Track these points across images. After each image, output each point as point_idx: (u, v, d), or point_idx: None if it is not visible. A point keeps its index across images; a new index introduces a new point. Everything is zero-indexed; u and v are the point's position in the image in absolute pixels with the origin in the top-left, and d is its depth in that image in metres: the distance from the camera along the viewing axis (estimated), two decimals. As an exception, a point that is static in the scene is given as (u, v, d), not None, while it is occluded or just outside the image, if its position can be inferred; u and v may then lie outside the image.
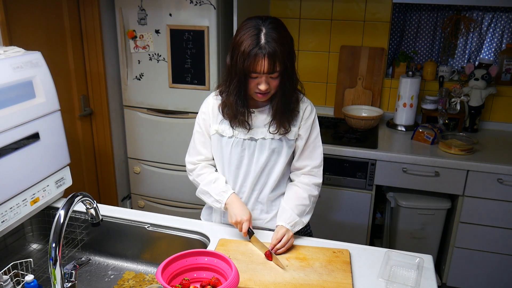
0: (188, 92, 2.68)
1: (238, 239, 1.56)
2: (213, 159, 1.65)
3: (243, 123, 1.51)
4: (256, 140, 1.54)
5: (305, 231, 1.75)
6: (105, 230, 1.69)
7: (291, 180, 1.65)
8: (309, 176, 1.59)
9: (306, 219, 1.58)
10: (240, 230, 1.51)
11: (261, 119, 1.53)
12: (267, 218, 1.64)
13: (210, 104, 1.58)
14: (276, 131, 1.51)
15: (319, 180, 1.60)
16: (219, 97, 1.55)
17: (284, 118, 1.50)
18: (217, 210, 1.70)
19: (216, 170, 1.66)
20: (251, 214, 1.59)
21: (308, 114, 1.55)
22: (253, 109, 1.54)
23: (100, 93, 2.76)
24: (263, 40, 1.36)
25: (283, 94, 1.46)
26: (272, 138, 1.53)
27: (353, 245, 1.56)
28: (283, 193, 1.63)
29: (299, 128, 1.55)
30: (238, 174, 1.59)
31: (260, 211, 1.63)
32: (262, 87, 1.41)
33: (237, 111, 1.49)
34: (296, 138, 1.56)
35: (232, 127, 1.53)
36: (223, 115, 1.54)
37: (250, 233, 1.51)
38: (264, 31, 1.37)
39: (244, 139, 1.54)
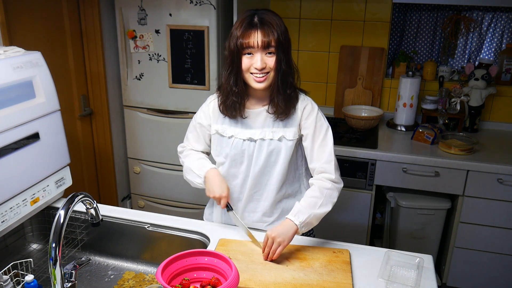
0: (188, 92, 2.68)
1: (238, 239, 1.56)
2: (203, 153, 1.68)
3: (236, 108, 1.49)
4: (255, 141, 1.53)
5: (307, 232, 1.74)
6: (105, 230, 1.68)
7: (291, 184, 1.62)
8: (320, 173, 1.54)
9: (320, 211, 1.47)
10: (219, 203, 1.53)
11: (259, 119, 1.53)
12: (269, 221, 1.63)
13: (211, 104, 1.59)
14: (273, 111, 1.48)
15: (331, 175, 1.51)
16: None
17: (281, 98, 1.46)
18: (218, 210, 1.70)
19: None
20: (250, 216, 1.61)
21: (307, 113, 1.52)
22: (250, 110, 1.53)
23: (100, 93, 2.76)
24: (256, 19, 1.39)
25: (280, 72, 1.42)
26: (271, 139, 1.52)
27: (353, 245, 1.56)
28: (286, 196, 1.61)
29: (300, 129, 1.53)
30: (238, 174, 1.59)
31: (262, 214, 1.62)
32: (258, 64, 1.39)
33: (230, 92, 1.47)
34: (301, 139, 1.54)
35: (223, 113, 1.53)
36: (218, 103, 1.54)
37: (229, 208, 1.54)
38: (257, 14, 1.41)
39: (243, 140, 1.54)
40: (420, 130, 2.59)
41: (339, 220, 2.64)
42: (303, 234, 1.71)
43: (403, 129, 2.79)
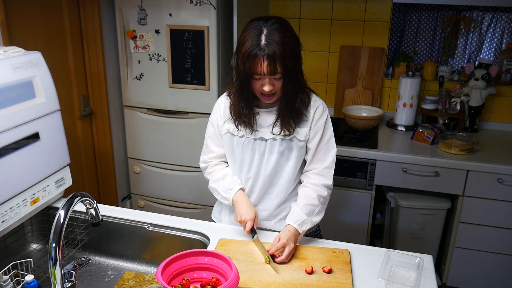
0: (188, 92, 2.68)
1: (238, 239, 1.56)
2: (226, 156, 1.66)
3: (247, 124, 1.52)
4: (266, 140, 1.54)
5: (315, 233, 1.75)
6: (105, 230, 1.69)
7: (300, 183, 1.64)
8: (319, 176, 1.57)
9: (316, 219, 1.55)
10: (245, 228, 1.52)
11: (269, 120, 1.53)
12: (278, 218, 1.64)
13: (222, 104, 1.59)
14: (279, 133, 1.51)
15: (329, 181, 1.57)
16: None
17: (287, 120, 1.49)
18: (226, 210, 1.71)
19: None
20: (258, 214, 1.60)
21: (319, 115, 1.53)
22: (261, 110, 1.54)
23: (100, 93, 2.76)
24: (263, 42, 1.35)
25: (286, 96, 1.45)
26: (282, 139, 1.52)
27: (353, 245, 1.56)
28: (295, 196, 1.62)
29: (310, 129, 1.53)
30: (249, 174, 1.59)
31: (269, 213, 1.63)
32: (266, 88, 1.41)
33: (240, 112, 1.50)
34: (308, 139, 1.55)
35: (237, 128, 1.54)
36: (231, 115, 1.55)
37: (253, 232, 1.52)
38: (265, 32, 1.37)
39: (254, 139, 1.54)
40: (420, 130, 2.59)
41: (339, 220, 2.64)
42: (310, 234, 1.71)
43: (403, 129, 2.79)
